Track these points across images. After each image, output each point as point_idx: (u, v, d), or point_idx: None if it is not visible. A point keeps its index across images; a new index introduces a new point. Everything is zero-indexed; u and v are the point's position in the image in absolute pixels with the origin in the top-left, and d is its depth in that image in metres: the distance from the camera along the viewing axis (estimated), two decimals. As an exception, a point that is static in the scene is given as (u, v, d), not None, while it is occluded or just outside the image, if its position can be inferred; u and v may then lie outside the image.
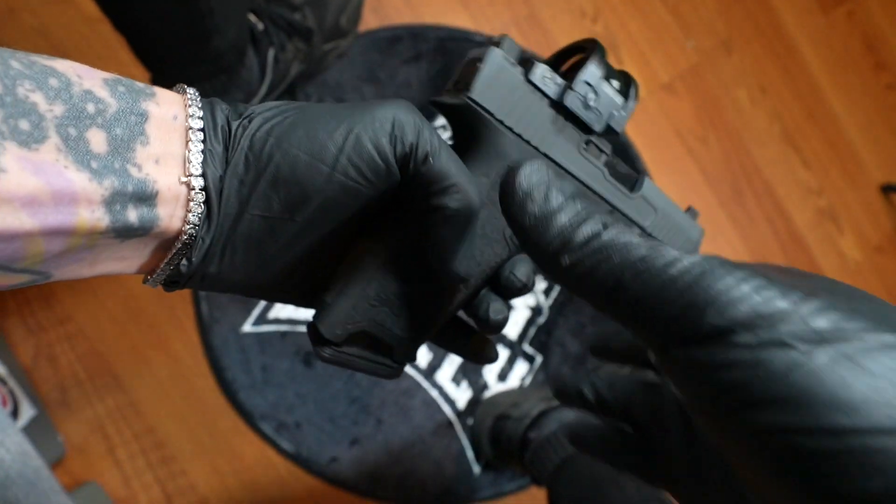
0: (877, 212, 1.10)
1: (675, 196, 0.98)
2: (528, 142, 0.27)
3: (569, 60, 0.29)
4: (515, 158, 0.27)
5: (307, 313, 0.74)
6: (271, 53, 0.64)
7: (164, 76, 0.58)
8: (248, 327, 0.72)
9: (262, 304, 0.73)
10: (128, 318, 0.70)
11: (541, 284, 0.84)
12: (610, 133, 0.28)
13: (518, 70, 0.26)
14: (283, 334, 0.73)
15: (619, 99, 0.28)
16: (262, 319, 0.73)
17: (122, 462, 0.68)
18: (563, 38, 0.91)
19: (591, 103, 0.27)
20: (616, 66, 0.29)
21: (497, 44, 0.26)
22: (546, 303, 0.84)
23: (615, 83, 0.28)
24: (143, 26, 0.51)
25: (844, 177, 1.08)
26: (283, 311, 0.74)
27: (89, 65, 0.22)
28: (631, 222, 0.31)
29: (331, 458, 0.72)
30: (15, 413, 0.62)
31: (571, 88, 0.26)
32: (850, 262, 1.05)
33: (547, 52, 0.89)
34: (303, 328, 0.74)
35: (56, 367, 0.68)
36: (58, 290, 0.69)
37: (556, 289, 0.84)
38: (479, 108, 0.26)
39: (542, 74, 0.26)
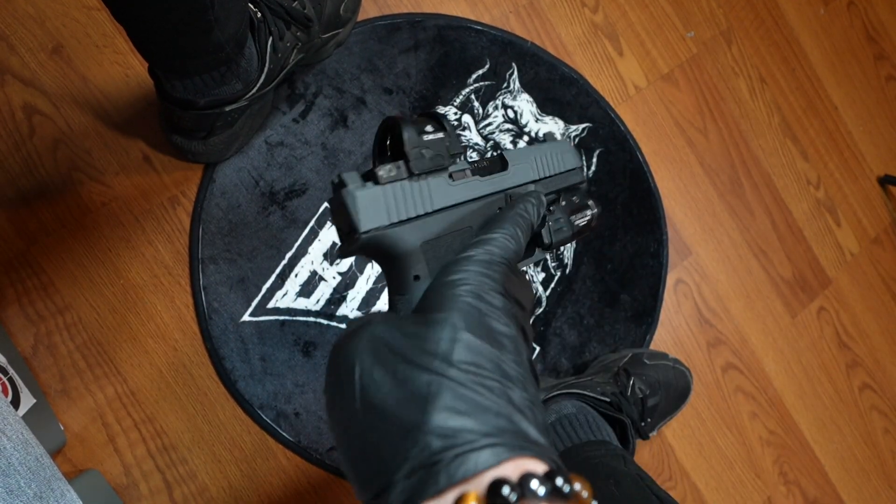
0: (875, 204, 1.11)
1: (674, 187, 0.98)
2: (418, 216, 0.33)
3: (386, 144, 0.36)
4: (426, 233, 0.33)
5: (306, 303, 0.74)
6: (269, 42, 0.64)
7: (162, 67, 0.58)
8: (246, 317, 0.73)
9: (261, 294, 0.73)
10: (127, 307, 0.70)
11: (540, 275, 0.84)
12: (458, 155, 0.35)
13: (371, 185, 0.31)
14: (282, 324, 0.73)
15: (440, 135, 0.34)
16: (260, 309, 0.73)
17: (123, 450, 0.68)
18: (563, 27, 0.90)
19: (428, 154, 0.33)
20: (616, 56, 0.32)
21: (341, 182, 0.31)
22: (544, 294, 0.84)
23: (429, 128, 0.34)
24: (144, 18, 0.50)
25: (843, 168, 1.08)
26: (282, 301, 0.74)
27: (87, 54, 0.22)
28: (526, 184, 0.41)
29: (330, 447, 0.73)
30: (15, 402, 0.62)
31: (409, 160, 0.33)
32: (847, 253, 1.06)
33: (546, 43, 0.89)
34: (302, 318, 0.74)
35: (56, 356, 0.68)
36: (56, 279, 0.69)
37: (555, 279, 0.84)
38: (377, 232, 0.31)
39: (388, 172, 0.32)
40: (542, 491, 0.20)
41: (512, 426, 0.22)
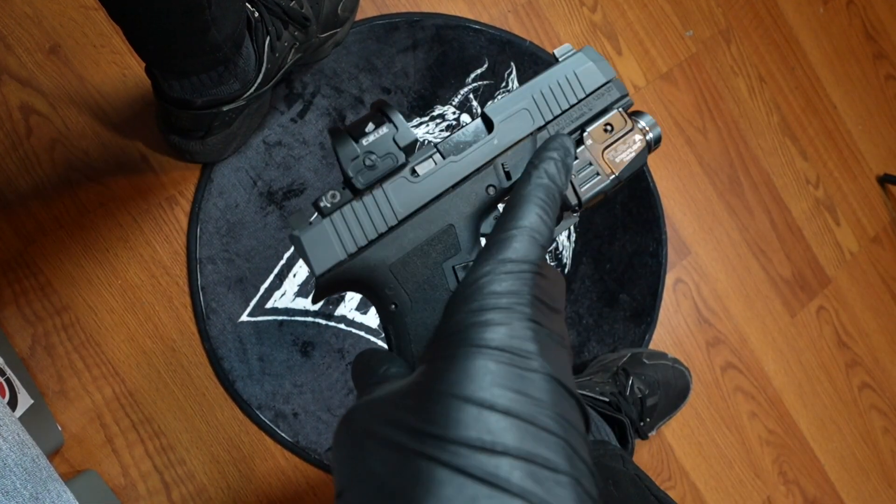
0: (874, 203, 1.10)
1: (673, 187, 0.98)
2: (381, 235, 0.28)
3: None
4: (395, 252, 0.29)
5: (304, 303, 0.74)
6: (267, 42, 0.64)
7: (160, 67, 0.58)
8: (244, 317, 0.72)
9: (259, 294, 0.73)
10: (125, 308, 0.70)
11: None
12: (413, 145, 0.29)
13: (317, 221, 0.28)
14: (280, 324, 0.73)
15: (384, 130, 0.29)
16: (258, 309, 0.73)
17: (121, 451, 0.68)
18: (561, 27, 0.90)
19: (374, 159, 0.29)
20: (615, 55, 0.29)
21: (294, 231, 0.29)
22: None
23: (370, 127, 0.29)
24: (141, 18, 0.50)
25: (842, 167, 1.08)
26: (280, 301, 0.74)
27: (84, 54, 0.21)
28: (525, 139, 0.31)
29: (329, 448, 0.73)
30: (13, 403, 0.62)
31: (349, 177, 0.28)
32: (846, 253, 1.06)
33: (544, 42, 0.89)
34: (300, 318, 0.74)
35: (54, 356, 0.68)
36: (54, 280, 0.69)
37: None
38: (337, 268, 0.28)
39: (329, 199, 0.28)
40: None
41: None
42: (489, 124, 0.31)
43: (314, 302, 0.30)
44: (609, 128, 0.32)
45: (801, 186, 1.04)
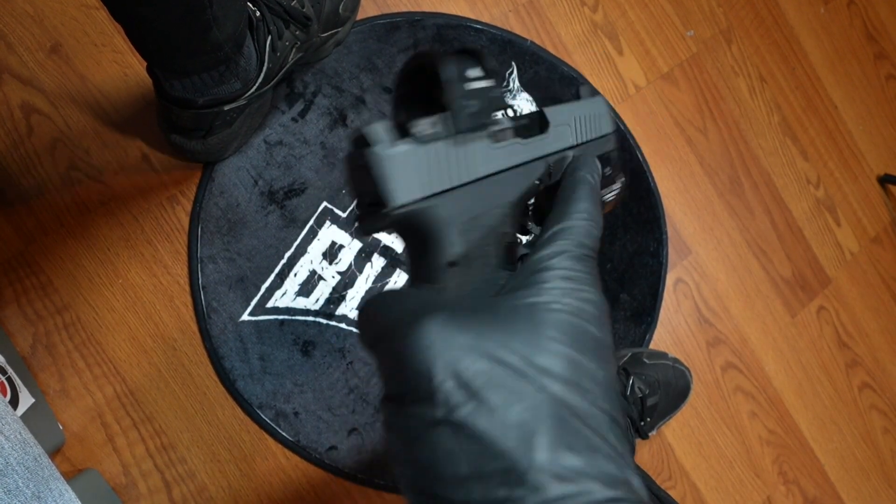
0: (874, 203, 1.10)
1: (673, 187, 0.98)
2: (456, 187, 0.25)
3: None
4: (465, 208, 0.26)
5: (305, 303, 0.74)
6: (268, 41, 0.64)
7: (161, 66, 0.58)
8: (245, 316, 0.73)
9: (260, 293, 0.73)
10: (126, 307, 0.70)
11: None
12: (501, 110, 0.28)
13: (404, 144, 0.23)
14: (281, 323, 0.73)
15: (488, 82, 0.26)
16: (259, 309, 0.73)
17: (122, 450, 0.68)
18: (563, 26, 0.90)
19: (472, 106, 0.25)
20: (616, 55, 0.30)
21: (362, 139, 0.22)
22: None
23: (474, 72, 0.26)
24: (142, 17, 0.50)
25: (843, 168, 1.08)
26: (281, 300, 0.74)
27: (86, 53, 0.21)
28: (566, 150, 0.33)
29: (329, 447, 0.73)
30: (14, 402, 0.62)
31: (454, 113, 0.25)
32: (846, 253, 1.06)
33: (545, 42, 0.89)
34: (301, 317, 0.74)
35: (55, 355, 0.68)
36: (55, 279, 0.69)
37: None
38: (412, 206, 0.23)
39: (430, 126, 0.24)
40: None
41: (621, 474, 0.18)
42: (545, 124, 0.31)
43: (366, 233, 0.25)
44: (608, 170, 0.37)
45: (801, 186, 1.04)
